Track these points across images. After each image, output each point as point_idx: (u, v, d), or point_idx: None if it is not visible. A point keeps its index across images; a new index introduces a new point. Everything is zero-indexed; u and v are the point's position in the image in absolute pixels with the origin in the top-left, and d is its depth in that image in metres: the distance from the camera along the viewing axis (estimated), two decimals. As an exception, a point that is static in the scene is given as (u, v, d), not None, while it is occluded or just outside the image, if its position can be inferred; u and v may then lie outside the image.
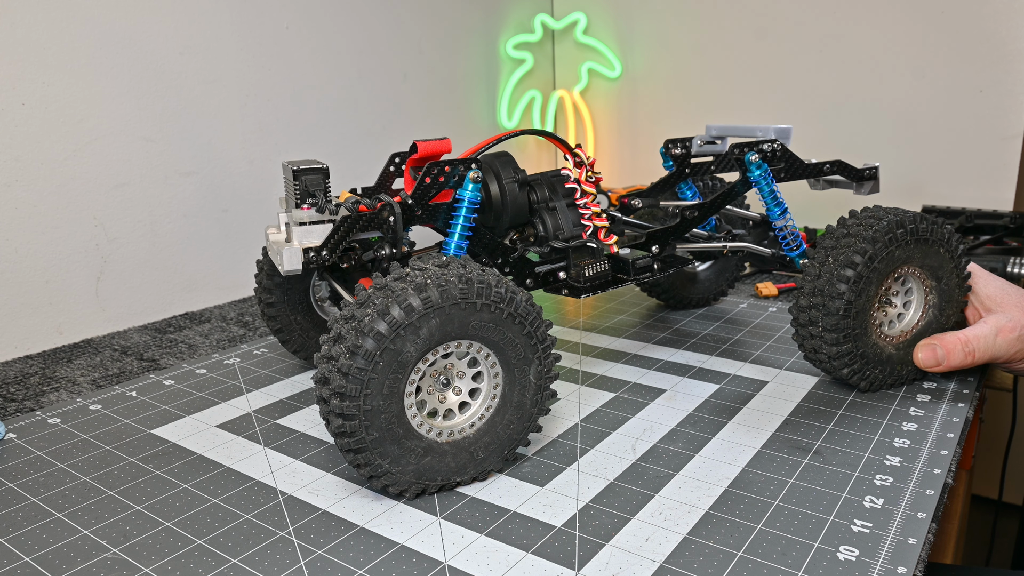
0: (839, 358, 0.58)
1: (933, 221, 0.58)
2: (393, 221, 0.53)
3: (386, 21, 1.08)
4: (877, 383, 0.60)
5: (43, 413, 0.61)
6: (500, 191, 0.57)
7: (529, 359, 0.48)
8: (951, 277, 0.60)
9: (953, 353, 0.58)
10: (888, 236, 0.56)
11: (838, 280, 0.55)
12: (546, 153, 1.44)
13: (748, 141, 0.64)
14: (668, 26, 1.29)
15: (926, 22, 1.07)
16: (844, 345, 0.57)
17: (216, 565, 0.42)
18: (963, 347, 0.58)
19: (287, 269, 0.52)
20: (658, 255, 0.62)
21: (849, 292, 0.55)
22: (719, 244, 0.67)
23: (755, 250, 0.68)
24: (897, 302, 0.60)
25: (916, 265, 0.58)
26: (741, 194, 0.65)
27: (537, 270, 0.59)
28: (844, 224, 0.58)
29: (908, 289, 0.60)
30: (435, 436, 0.47)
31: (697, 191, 0.74)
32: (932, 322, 0.60)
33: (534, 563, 0.41)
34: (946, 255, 0.59)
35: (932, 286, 0.60)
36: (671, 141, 0.70)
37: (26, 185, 0.74)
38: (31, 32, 0.73)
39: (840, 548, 0.41)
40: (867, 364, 0.58)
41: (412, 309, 0.43)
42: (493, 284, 0.46)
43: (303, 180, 0.54)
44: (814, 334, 0.58)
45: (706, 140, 0.69)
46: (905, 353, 0.60)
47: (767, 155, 0.63)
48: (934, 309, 0.60)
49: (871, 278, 0.56)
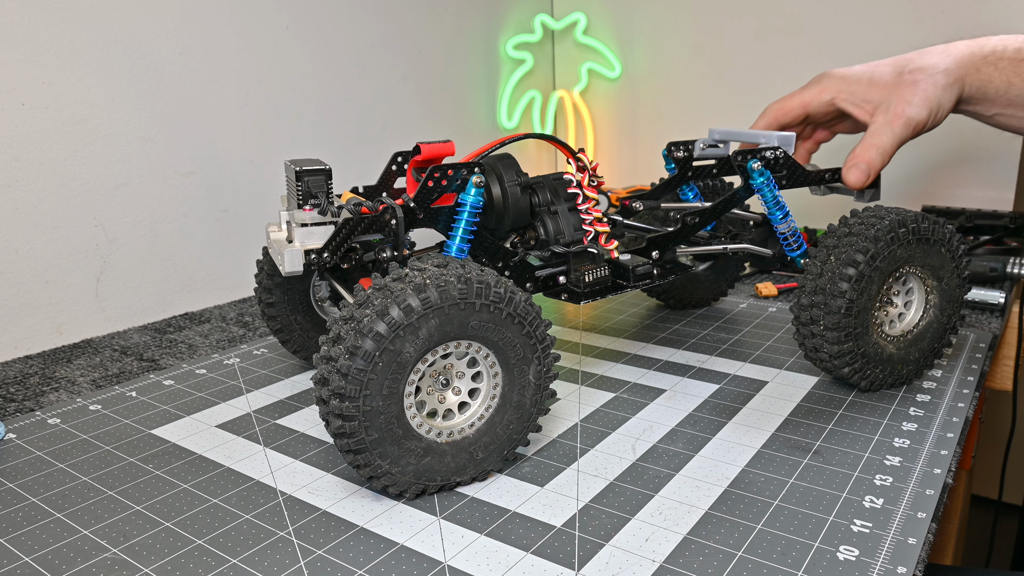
0: (840, 357, 0.57)
1: (935, 221, 0.58)
2: (395, 225, 0.53)
3: (386, 22, 1.08)
4: (878, 383, 0.60)
5: (43, 413, 0.61)
6: (502, 193, 0.57)
7: (528, 359, 0.48)
8: (952, 277, 0.60)
9: (872, 161, 0.63)
10: (890, 235, 0.56)
11: (840, 279, 0.55)
12: (546, 155, 1.44)
13: (751, 148, 0.64)
14: (668, 26, 1.29)
15: (926, 22, 1.07)
16: (845, 344, 0.57)
17: (216, 565, 0.42)
18: (877, 151, 0.63)
19: (288, 271, 0.52)
20: (658, 260, 0.62)
21: (851, 291, 0.55)
22: (720, 246, 0.67)
23: (756, 251, 0.68)
24: (898, 302, 0.60)
25: (917, 265, 0.59)
26: (743, 200, 0.65)
27: (537, 274, 0.59)
28: (846, 223, 0.58)
29: (909, 289, 0.60)
30: (435, 436, 0.47)
31: (698, 191, 0.74)
32: (933, 322, 0.61)
33: (534, 563, 0.41)
34: (947, 255, 0.59)
35: (933, 286, 0.60)
36: (674, 144, 0.70)
37: (26, 185, 0.74)
38: (31, 32, 0.73)
39: (840, 548, 0.41)
40: (868, 363, 0.58)
41: (411, 310, 0.43)
42: (492, 284, 0.45)
43: (305, 181, 0.54)
44: (815, 332, 0.58)
45: (709, 144, 0.69)
46: (906, 353, 0.60)
47: (769, 162, 0.63)
48: (935, 309, 0.60)
49: (873, 277, 0.56)
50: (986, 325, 0.75)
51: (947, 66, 0.62)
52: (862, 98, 0.64)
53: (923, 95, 0.61)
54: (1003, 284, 0.83)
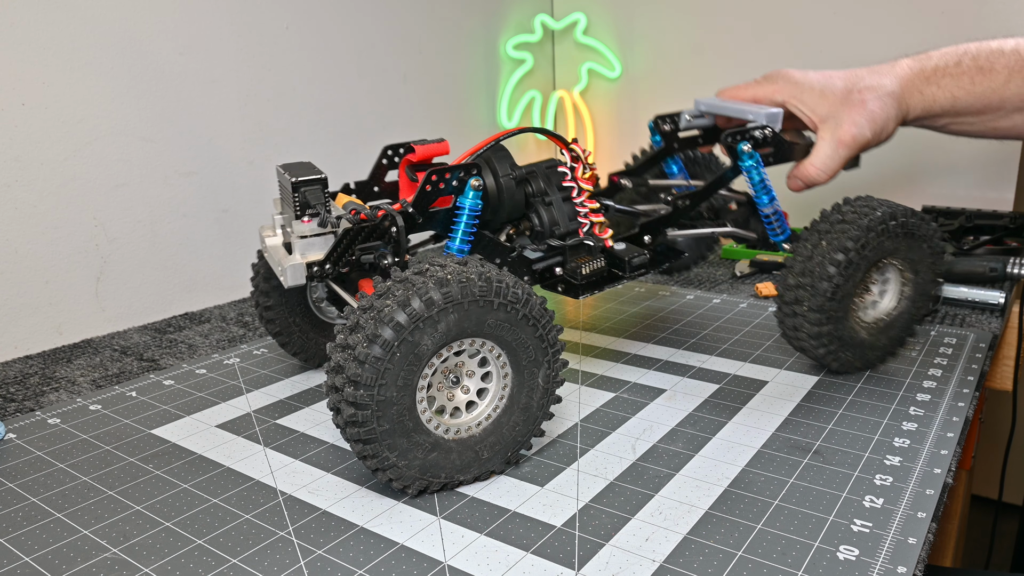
0: (818, 338, 0.60)
1: (923, 217, 0.61)
2: (396, 232, 0.53)
3: (386, 21, 1.08)
4: (847, 365, 0.62)
5: (43, 413, 0.61)
6: (497, 187, 0.57)
7: (539, 362, 0.49)
8: (927, 273, 0.63)
9: (815, 179, 0.65)
10: (881, 226, 0.58)
11: (829, 263, 0.57)
12: (546, 152, 1.44)
13: (740, 128, 0.66)
14: (668, 26, 1.29)
15: (926, 22, 1.07)
16: (825, 326, 0.59)
17: (216, 565, 0.42)
18: (820, 171, 0.65)
19: (291, 284, 0.52)
20: (651, 245, 0.64)
21: (838, 276, 0.57)
22: (708, 231, 0.69)
23: (741, 234, 0.70)
24: (874, 289, 0.63)
25: (900, 257, 0.61)
26: (731, 181, 0.67)
27: (534, 267, 0.59)
28: (839, 210, 0.60)
29: (886, 279, 0.63)
30: (442, 433, 0.47)
31: (683, 166, 0.76)
32: (904, 313, 0.63)
33: (534, 563, 0.41)
34: (928, 251, 0.62)
35: (910, 279, 0.63)
36: (660, 117, 0.72)
37: (26, 185, 0.74)
38: (31, 32, 0.73)
39: (840, 548, 0.41)
40: (842, 346, 0.61)
41: (432, 302, 0.43)
42: (511, 284, 0.46)
43: (302, 192, 0.54)
44: (798, 312, 0.59)
45: (694, 115, 0.71)
46: (875, 339, 0.63)
47: (758, 142, 0.65)
48: (907, 300, 0.63)
49: (860, 264, 0.58)
50: (986, 325, 0.75)
51: (892, 88, 0.64)
52: (811, 107, 0.66)
53: (869, 115, 0.64)
54: (1003, 284, 0.83)
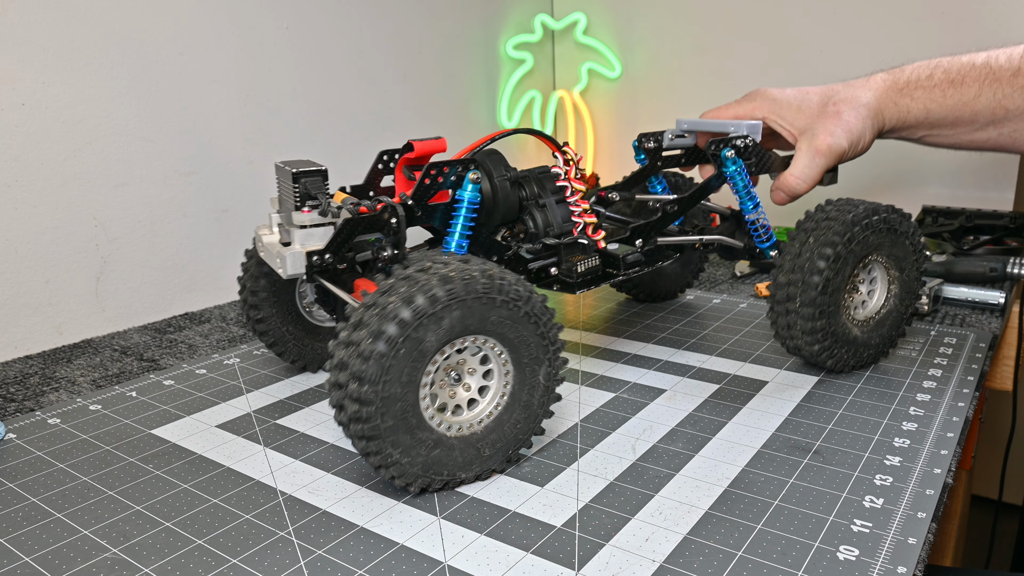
0: (812, 334, 0.60)
1: (902, 213, 0.63)
2: (396, 223, 0.53)
3: (385, 21, 1.08)
4: (843, 363, 0.63)
5: (43, 413, 0.61)
6: (492, 188, 0.58)
7: (540, 359, 0.49)
8: (912, 270, 0.65)
9: (796, 189, 0.67)
10: (865, 221, 0.60)
11: (818, 258, 0.59)
12: (544, 154, 1.44)
13: (723, 138, 0.67)
14: (668, 26, 1.29)
15: (926, 23, 1.07)
16: (819, 321, 0.60)
17: (216, 565, 0.42)
18: (800, 181, 0.66)
19: (290, 273, 0.52)
20: (643, 248, 0.65)
21: (828, 269, 0.59)
22: (694, 238, 0.70)
23: (727, 242, 0.71)
24: (863, 289, 0.64)
25: (884, 253, 0.63)
26: (716, 189, 0.68)
27: (530, 266, 0.60)
28: (823, 210, 0.62)
29: (873, 278, 0.65)
30: (445, 430, 0.47)
31: (667, 184, 0.77)
32: (892, 311, 0.65)
33: (534, 563, 0.41)
34: (910, 247, 0.64)
35: (895, 276, 0.65)
36: (644, 135, 0.73)
37: (26, 185, 0.74)
38: (31, 32, 0.73)
39: (840, 548, 0.41)
40: (836, 343, 0.62)
41: (436, 299, 0.44)
42: (513, 282, 0.46)
43: (303, 182, 0.54)
44: (791, 310, 0.60)
45: (677, 134, 0.72)
46: (869, 337, 0.64)
47: (741, 150, 0.67)
48: (895, 298, 0.65)
49: (847, 259, 0.60)
50: (986, 325, 0.75)
51: (867, 100, 0.66)
52: (790, 122, 0.68)
53: (845, 126, 0.65)
54: (1003, 284, 0.83)
